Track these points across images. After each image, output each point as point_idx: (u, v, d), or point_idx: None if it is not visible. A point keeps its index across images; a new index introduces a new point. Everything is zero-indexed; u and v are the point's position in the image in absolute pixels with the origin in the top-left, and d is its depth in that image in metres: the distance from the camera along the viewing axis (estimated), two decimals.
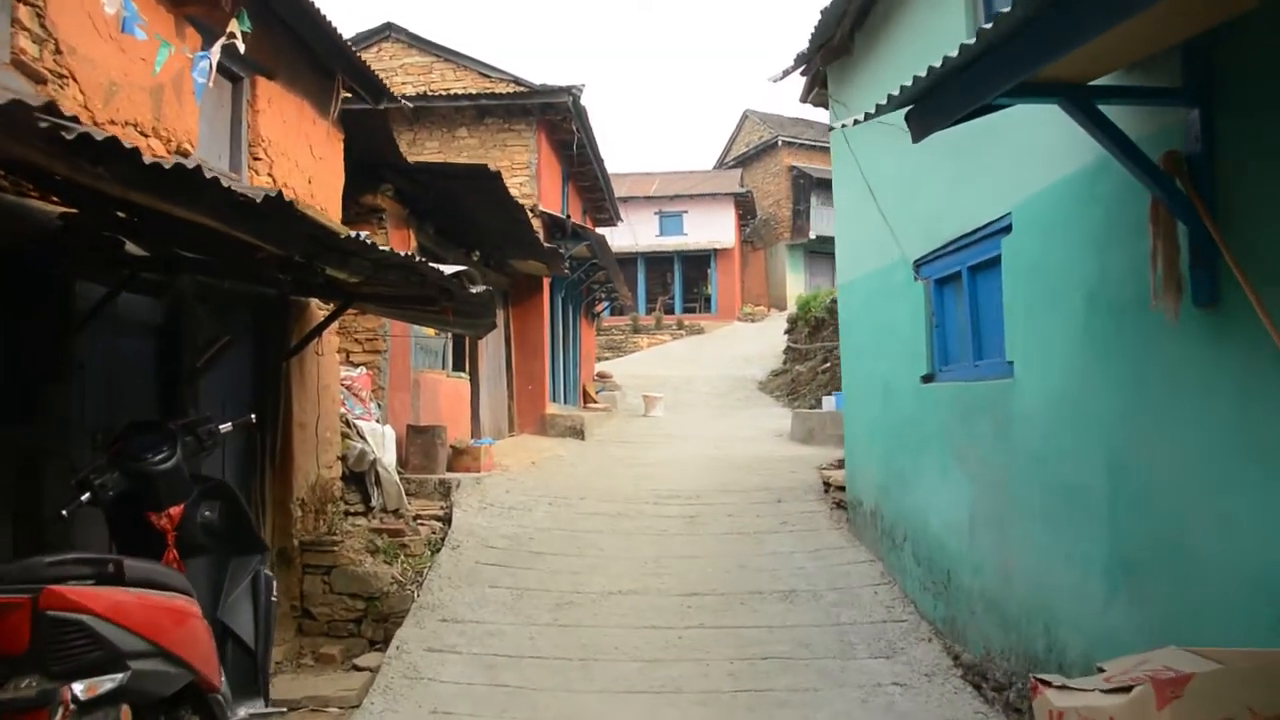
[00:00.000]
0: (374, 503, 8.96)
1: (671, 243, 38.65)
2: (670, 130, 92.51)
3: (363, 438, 8.87)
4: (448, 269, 6.13)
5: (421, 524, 9.02)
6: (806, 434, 15.10)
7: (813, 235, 39.58)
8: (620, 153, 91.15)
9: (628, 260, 38.38)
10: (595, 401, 21.42)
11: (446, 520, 9.09)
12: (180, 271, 5.75)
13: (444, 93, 15.95)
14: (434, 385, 11.18)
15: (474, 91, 15.93)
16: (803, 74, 9.18)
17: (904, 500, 7.34)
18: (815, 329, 24.01)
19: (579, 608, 7.07)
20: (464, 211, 11.45)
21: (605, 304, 25.43)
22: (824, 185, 40.38)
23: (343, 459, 8.65)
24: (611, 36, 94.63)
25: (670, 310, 38.38)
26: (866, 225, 8.20)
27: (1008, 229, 5.63)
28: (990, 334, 6.10)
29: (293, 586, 7.46)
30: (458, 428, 11.82)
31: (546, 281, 16.27)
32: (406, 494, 9.53)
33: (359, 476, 8.89)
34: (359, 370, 9.46)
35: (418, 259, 5.64)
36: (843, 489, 9.33)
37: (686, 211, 38.69)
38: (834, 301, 22.69)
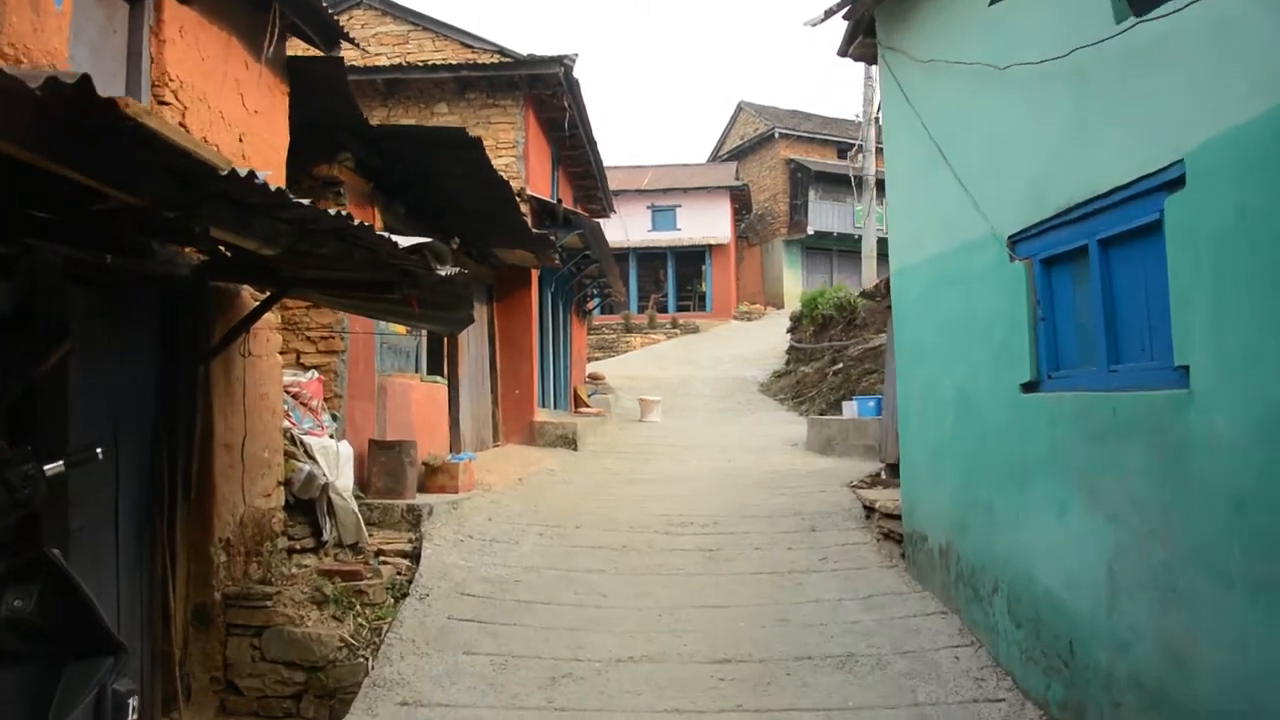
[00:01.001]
0: (326, 536, 7.35)
1: (665, 238, 37.09)
2: (662, 125, 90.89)
3: (311, 457, 7.26)
4: (405, 240, 4.55)
5: (385, 561, 7.42)
6: (825, 444, 13.55)
7: (810, 231, 38.09)
8: (610, 147, 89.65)
9: (619, 256, 36.71)
10: (587, 406, 19.82)
11: (415, 557, 7.49)
12: (34, 238, 4.15)
13: (422, 64, 14.33)
14: (404, 392, 9.57)
15: (455, 62, 14.31)
16: (845, 17, 7.60)
17: (992, 541, 5.78)
18: (822, 327, 22.49)
19: (580, 681, 5.47)
20: (440, 189, 9.86)
21: (596, 301, 23.83)
22: (823, 179, 38.90)
23: (286, 484, 7.04)
24: (601, 27, 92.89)
25: (663, 308, 36.82)
26: (932, 197, 6.64)
27: (1175, 183, 4.07)
28: (1136, 328, 4.54)
29: (214, 653, 5.85)
30: (433, 440, 10.21)
31: (535, 274, 14.67)
32: (368, 524, 7.93)
33: (307, 505, 7.28)
34: (310, 375, 7.84)
35: (360, 223, 4.04)
36: (893, 517, 7.77)
37: (680, 206, 37.14)
38: (844, 298, 21.21)
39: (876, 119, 29.35)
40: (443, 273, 5.06)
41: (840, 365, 18.45)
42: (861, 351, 17.47)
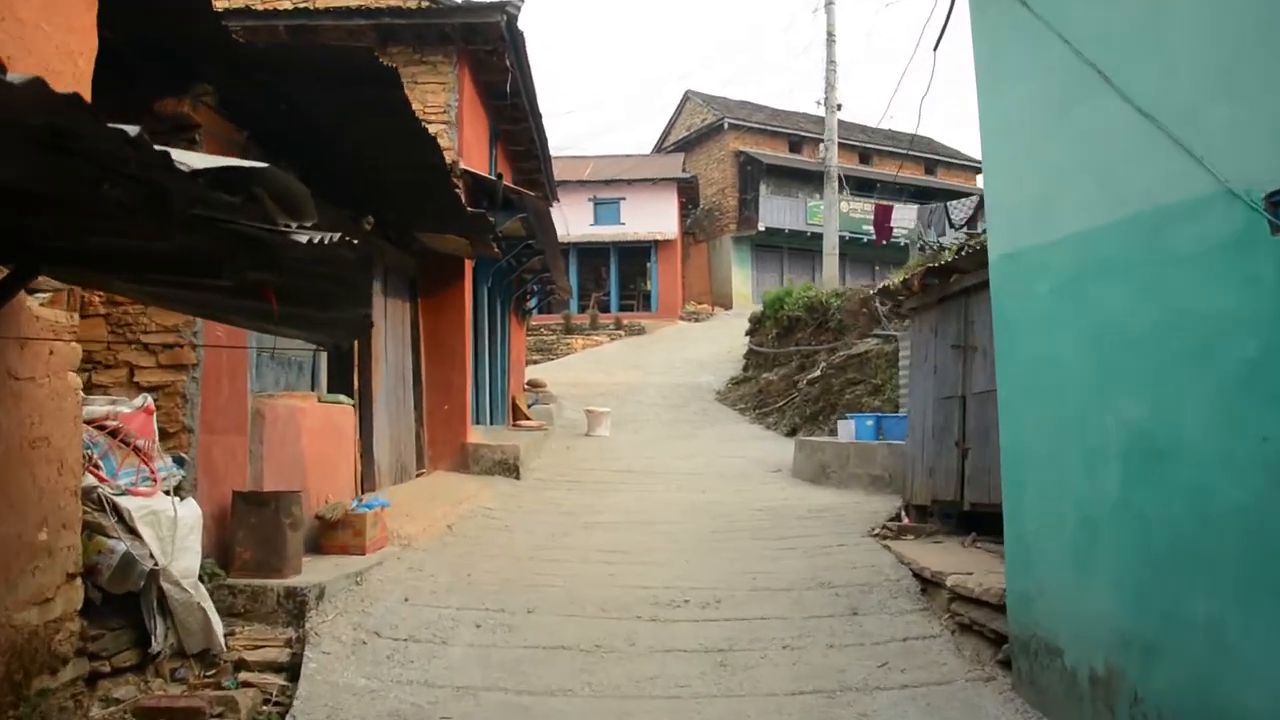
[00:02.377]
0: (157, 646, 4.89)
1: (608, 233, 34.76)
2: (603, 114, 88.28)
3: (132, 530, 4.79)
4: (202, 161, 2.16)
5: (247, 681, 4.99)
6: (818, 471, 11.36)
7: (762, 227, 36.07)
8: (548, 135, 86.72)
9: (559, 252, 34.37)
10: (528, 418, 17.40)
11: (294, 671, 5.06)
12: None
13: (335, 8, 11.78)
14: (292, 418, 7.08)
15: (376, 7, 11.78)
16: None
17: (1220, 683, 3.56)
18: (787, 330, 20.38)
19: None
20: (346, 146, 7.41)
21: (534, 298, 21.40)
22: (775, 173, 36.89)
23: (89, 574, 4.58)
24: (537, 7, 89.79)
25: (606, 308, 34.50)
26: (1076, 144, 4.43)
27: None
28: None
29: None
30: (334, 480, 7.75)
31: (469, 265, 12.23)
32: (229, 614, 5.51)
33: (127, 601, 4.82)
34: (140, 401, 5.34)
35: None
36: (976, 601, 5.54)
37: (624, 199, 34.83)
38: (814, 298, 19.09)
39: (839, 106, 27.48)
40: (300, 238, 2.69)
41: (817, 373, 16.32)
42: (844, 359, 15.37)
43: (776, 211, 36.40)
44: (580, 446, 15.04)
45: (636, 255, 35.61)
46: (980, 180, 34.21)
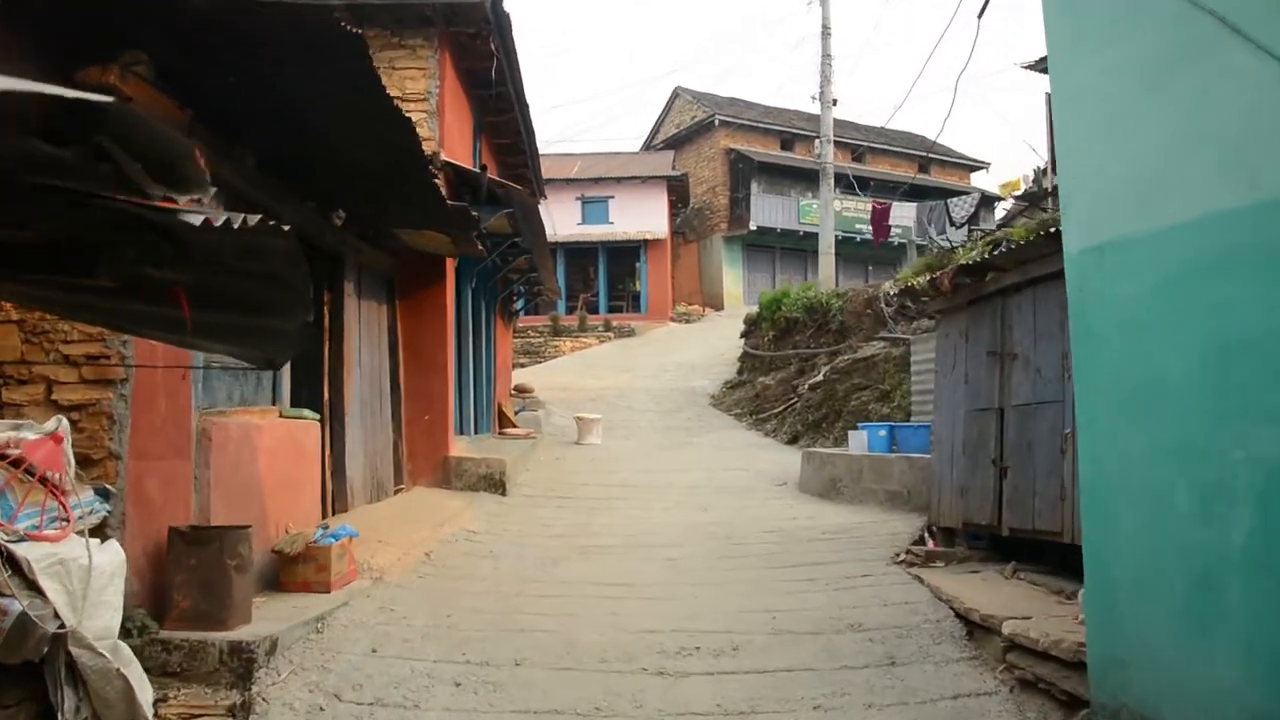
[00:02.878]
0: None
1: (596, 232, 33.93)
2: (590, 112, 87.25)
3: (32, 584, 3.93)
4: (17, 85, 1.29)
5: None
6: (828, 486, 10.55)
7: (753, 226, 35.32)
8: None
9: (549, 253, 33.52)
10: (515, 426, 16.55)
11: None
12: None
13: None
14: (246, 438, 6.22)
15: None
16: None
17: None
18: (784, 332, 19.59)
19: None
20: (309, 128, 6.55)
21: (520, 299, 20.53)
22: (766, 170, 36.10)
23: None
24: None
25: (594, 309, 33.66)
26: (1180, 113, 3.63)
27: None
28: None
29: None
30: (296, 505, 6.89)
31: (451, 265, 11.38)
32: (163, 674, 4.67)
33: (28, 670, 3.96)
34: (50, 426, 4.48)
35: None
36: (1043, 655, 4.73)
37: (613, 197, 34.00)
38: (814, 299, 18.30)
39: (835, 101, 26.70)
40: (193, 219, 1.83)
41: (819, 378, 15.51)
42: (849, 363, 14.56)
43: (768, 210, 35.65)
44: (571, 456, 14.20)
45: (625, 255, 34.80)
46: (975, 178, 33.58)
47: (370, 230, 9.43)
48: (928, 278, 7.81)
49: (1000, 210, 29.13)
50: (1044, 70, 18.60)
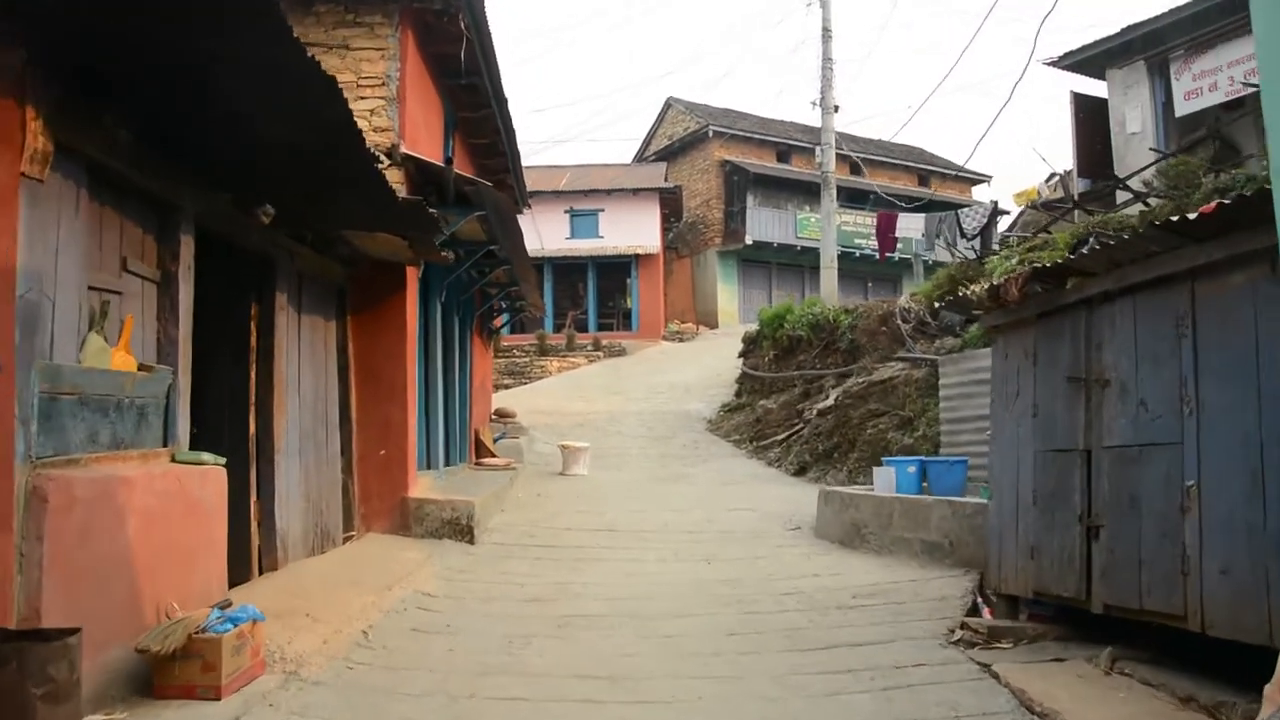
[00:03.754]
0: None
1: (585, 247, 32.50)
2: (579, 126, 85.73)
3: None
4: None
5: None
6: (850, 531, 9.03)
7: (749, 241, 33.92)
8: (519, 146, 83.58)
9: (532, 267, 32.05)
10: (493, 455, 15.03)
11: None
12: None
13: None
14: (108, 497, 4.68)
15: None
16: None
17: None
18: (787, 351, 18.13)
19: None
20: (214, 95, 5.04)
21: (505, 315, 19.02)
22: (762, 183, 34.71)
23: None
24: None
25: (583, 327, 32.18)
26: None
27: None
28: None
29: None
30: (186, 582, 5.32)
31: (414, 275, 9.88)
32: None
33: None
34: None
35: None
36: None
37: (603, 210, 32.61)
38: (820, 315, 16.84)
39: (836, 108, 25.35)
40: None
41: (829, 402, 14.01)
42: (863, 386, 13.06)
43: (764, 224, 34.28)
44: (554, 491, 12.66)
45: (616, 271, 33.37)
46: (977, 191, 32.00)
47: (311, 231, 7.93)
48: (984, 286, 6.33)
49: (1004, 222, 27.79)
50: (1069, 67, 17.28)
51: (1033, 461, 6.14)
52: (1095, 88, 16.54)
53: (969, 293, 6.59)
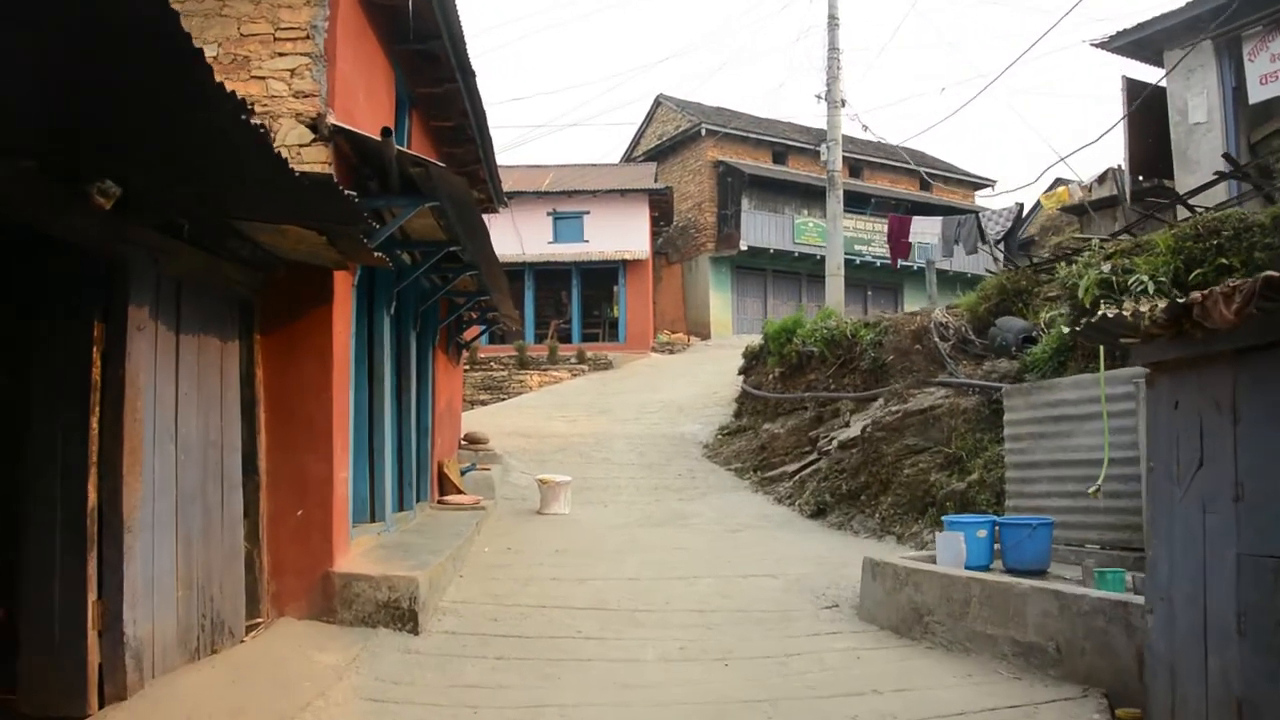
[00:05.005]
0: None
1: (569, 252, 30.39)
2: (559, 105, 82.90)
3: None
4: None
5: None
6: (908, 616, 6.94)
7: (744, 246, 31.89)
8: (501, 147, 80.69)
9: (512, 273, 29.94)
10: (460, 491, 12.90)
11: None
12: None
13: None
14: None
15: None
16: None
17: None
18: (795, 369, 16.08)
19: None
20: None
21: (483, 327, 16.89)
22: (758, 185, 32.67)
23: None
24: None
25: (566, 338, 30.07)
26: None
27: None
28: None
29: None
30: None
31: (344, 282, 7.75)
32: None
33: None
34: None
35: None
36: None
37: (588, 213, 30.52)
38: (836, 330, 14.78)
39: (843, 101, 23.35)
40: None
41: (853, 432, 11.91)
42: (897, 416, 10.97)
43: (760, 229, 32.29)
44: (528, 541, 10.55)
45: (602, 277, 31.27)
46: (980, 196, 29.96)
47: (189, 221, 5.81)
48: (1157, 306, 4.25)
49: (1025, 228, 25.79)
50: (1121, 49, 15.27)
51: (1235, 568, 4.07)
52: (1150, 75, 14.62)
53: (1121, 313, 4.50)
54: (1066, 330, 9.00)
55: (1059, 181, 40.04)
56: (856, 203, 32.71)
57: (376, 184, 7.88)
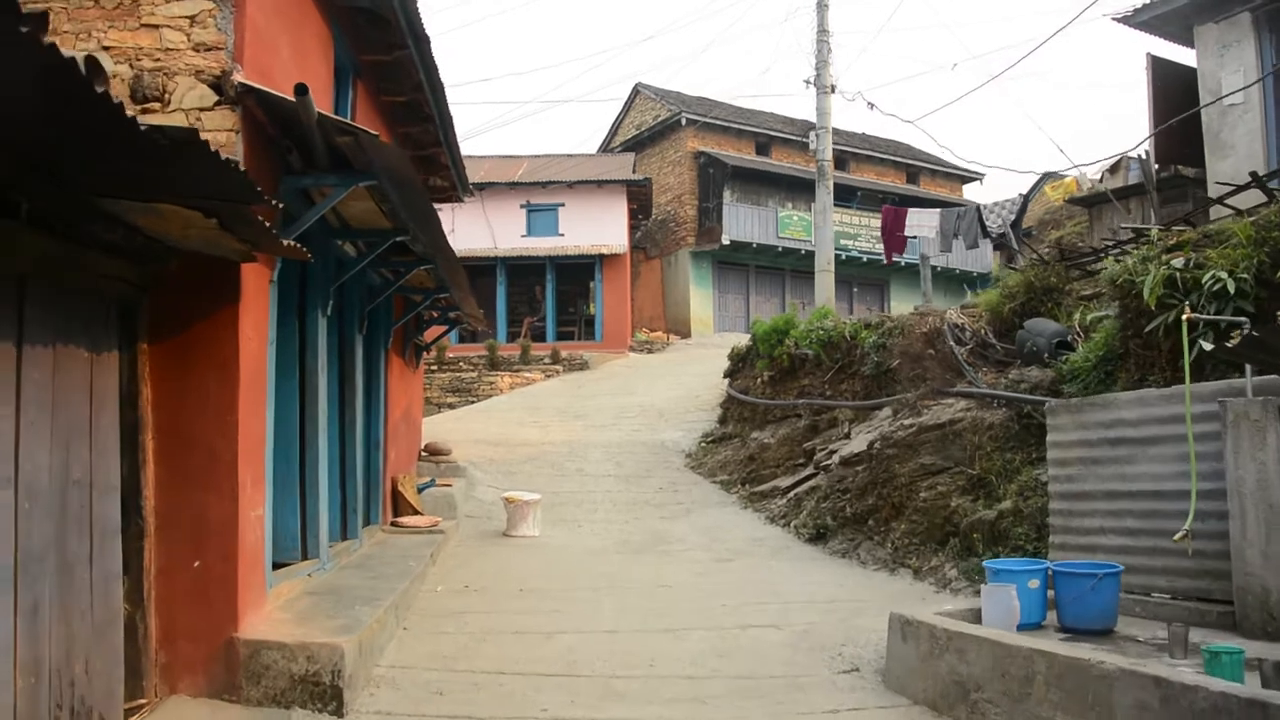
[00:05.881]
0: None
1: (543, 245, 28.97)
2: (530, 89, 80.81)
3: None
4: None
5: None
6: (950, 692, 5.64)
7: (725, 240, 30.60)
8: (471, 137, 78.59)
9: (484, 268, 28.59)
10: (417, 512, 11.54)
11: None
12: None
13: None
14: None
15: None
16: None
17: None
18: (787, 374, 14.81)
19: None
20: None
21: (447, 328, 15.48)
22: (741, 177, 31.35)
23: None
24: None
25: (541, 336, 28.68)
26: None
27: None
28: None
29: None
30: None
31: (256, 278, 6.35)
32: None
33: None
34: None
35: None
36: None
37: (563, 205, 29.14)
38: (834, 331, 13.50)
39: (833, 87, 22.07)
40: None
41: (859, 447, 10.60)
42: (911, 431, 9.66)
43: (742, 222, 31.00)
44: (489, 575, 9.21)
45: (578, 273, 29.88)
46: (968, 190, 28.55)
47: (25, 199, 4.42)
48: None
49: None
50: (1145, 25, 13.98)
51: None
52: (1177, 54, 13.42)
53: None
54: (1116, 333, 7.75)
55: (1048, 175, 38.95)
56: (842, 196, 31.49)
57: (299, 158, 6.50)
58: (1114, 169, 15.78)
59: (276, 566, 7.51)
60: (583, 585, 8.71)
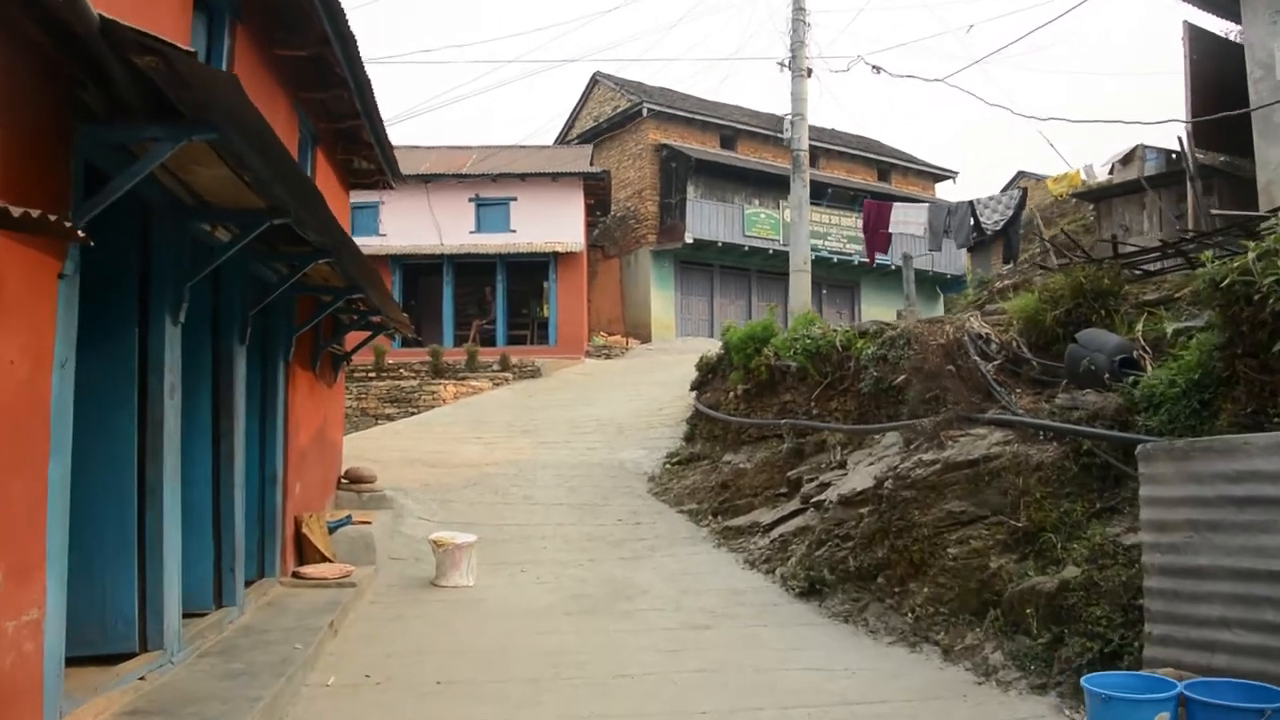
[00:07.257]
0: None
1: (494, 242, 26.91)
2: (488, 110, 78.28)
3: None
4: None
5: None
6: None
7: (689, 239, 28.75)
8: (421, 130, 75.56)
9: (430, 267, 26.52)
10: (326, 558, 9.51)
11: None
12: None
13: None
14: None
15: None
16: None
17: None
18: (764, 388, 13.00)
19: None
20: None
21: (370, 334, 13.40)
22: (705, 171, 29.47)
23: None
24: None
25: (491, 340, 26.61)
26: None
27: None
28: None
29: None
30: None
31: (28, 267, 4.32)
32: None
33: None
34: None
35: None
36: None
37: (516, 199, 27.10)
38: (823, 340, 11.63)
39: (809, 71, 20.27)
40: None
41: (866, 484, 8.71)
42: (935, 470, 7.71)
43: (707, 220, 29.19)
44: (402, 654, 7.23)
45: (531, 272, 27.84)
46: (941, 188, 26.62)
47: None
48: None
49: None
50: None
51: None
52: (1215, 24, 11.76)
53: None
54: (1216, 351, 5.95)
55: (1021, 174, 37.47)
56: (812, 193, 29.74)
57: (99, 97, 4.49)
58: (1126, 160, 14.13)
59: (103, 661, 5.54)
60: (519, 674, 6.74)
